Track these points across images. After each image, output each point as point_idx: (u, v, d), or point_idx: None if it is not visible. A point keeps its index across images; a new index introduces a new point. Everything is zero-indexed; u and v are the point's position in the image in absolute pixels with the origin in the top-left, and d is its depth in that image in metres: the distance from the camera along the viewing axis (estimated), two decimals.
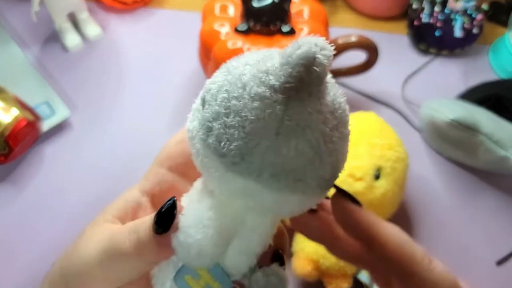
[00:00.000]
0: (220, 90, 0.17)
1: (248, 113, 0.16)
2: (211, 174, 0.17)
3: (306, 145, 0.16)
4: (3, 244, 0.40)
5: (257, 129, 0.16)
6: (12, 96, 0.43)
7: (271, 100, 0.16)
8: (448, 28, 0.52)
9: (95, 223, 0.21)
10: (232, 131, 0.16)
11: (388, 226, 0.19)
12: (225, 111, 0.16)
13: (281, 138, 0.16)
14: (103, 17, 0.55)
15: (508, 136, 0.42)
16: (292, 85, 0.15)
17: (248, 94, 0.16)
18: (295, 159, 0.16)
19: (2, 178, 0.43)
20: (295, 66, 0.15)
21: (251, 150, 0.16)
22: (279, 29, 0.40)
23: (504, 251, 0.41)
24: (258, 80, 0.16)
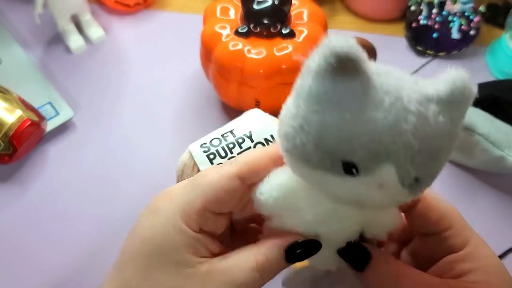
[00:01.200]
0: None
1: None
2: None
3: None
4: (7, 243, 0.41)
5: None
6: (16, 97, 0.44)
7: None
8: (446, 30, 0.52)
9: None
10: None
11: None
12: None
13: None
14: (105, 19, 0.56)
15: (504, 136, 0.42)
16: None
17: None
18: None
19: (6, 178, 0.44)
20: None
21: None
22: (279, 31, 0.41)
23: (500, 249, 0.41)
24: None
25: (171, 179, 0.41)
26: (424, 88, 0.18)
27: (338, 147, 0.17)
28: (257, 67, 0.40)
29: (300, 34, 0.41)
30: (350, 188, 0.18)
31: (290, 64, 0.40)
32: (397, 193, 0.18)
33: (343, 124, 0.17)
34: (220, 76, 0.42)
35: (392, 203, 0.20)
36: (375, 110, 0.17)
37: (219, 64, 0.41)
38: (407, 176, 0.17)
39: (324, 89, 0.17)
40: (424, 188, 0.19)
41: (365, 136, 0.17)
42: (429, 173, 0.18)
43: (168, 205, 0.21)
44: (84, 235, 0.41)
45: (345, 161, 0.17)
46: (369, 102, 0.17)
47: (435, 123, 0.17)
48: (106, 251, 0.40)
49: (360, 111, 0.17)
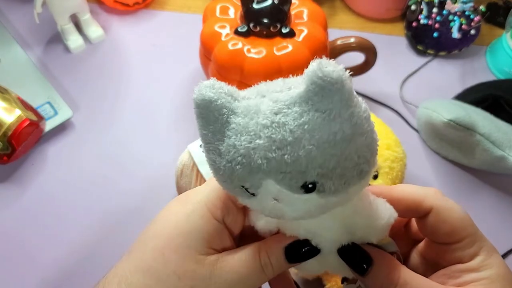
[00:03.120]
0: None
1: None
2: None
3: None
4: (7, 242, 0.40)
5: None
6: (15, 97, 0.44)
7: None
8: (446, 30, 0.52)
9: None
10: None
11: (396, 186, 0.23)
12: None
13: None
14: (105, 19, 0.56)
15: (504, 136, 0.42)
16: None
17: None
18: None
19: (5, 177, 0.44)
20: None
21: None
22: (279, 30, 0.40)
23: (501, 249, 0.41)
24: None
25: (170, 179, 0.41)
26: (289, 93, 0.18)
27: (227, 179, 0.19)
28: (257, 66, 0.39)
29: (300, 34, 0.41)
30: (261, 207, 0.20)
31: (290, 64, 0.40)
32: (303, 201, 0.19)
33: (220, 158, 0.19)
34: (220, 76, 0.42)
35: (317, 209, 0.19)
36: (234, 135, 0.18)
37: (219, 64, 0.41)
38: (291, 184, 0.18)
39: (201, 132, 0.19)
40: (337, 189, 0.18)
41: (234, 162, 0.18)
42: (318, 174, 0.17)
43: (195, 196, 0.23)
44: (83, 234, 0.41)
45: (240, 186, 0.19)
46: (231, 130, 0.18)
47: (297, 125, 0.17)
48: (105, 250, 0.40)
49: (225, 141, 0.18)
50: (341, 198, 0.19)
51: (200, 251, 0.21)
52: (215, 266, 0.21)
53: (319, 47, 0.41)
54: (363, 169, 0.18)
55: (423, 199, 0.22)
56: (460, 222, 0.22)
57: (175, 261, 0.21)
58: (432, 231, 0.23)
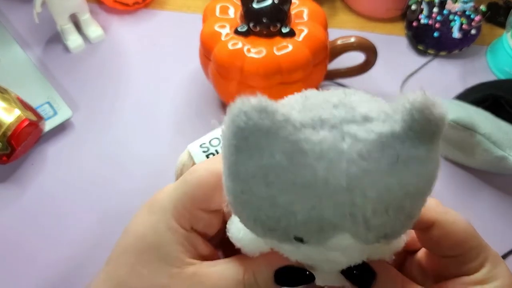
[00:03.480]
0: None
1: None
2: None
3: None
4: (6, 243, 0.40)
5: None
6: (15, 96, 0.44)
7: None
8: (447, 29, 0.52)
9: (173, 273, 0.20)
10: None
11: None
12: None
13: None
14: (104, 19, 0.56)
15: (505, 136, 0.42)
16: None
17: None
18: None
19: (5, 178, 0.44)
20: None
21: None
22: (279, 30, 0.40)
23: (502, 249, 0.41)
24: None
25: (170, 179, 0.41)
26: (372, 130, 0.13)
27: (279, 227, 0.15)
28: (257, 66, 0.39)
29: (300, 33, 0.41)
30: (311, 254, 0.16)
31: (290, 63, 0.40)
32: (365, 249, 0.17)
33: (275, 202, 0.14)
34: (220, 75, 0.42)
35: (365, 255, 0.18)
36: (307, 185, 0.13)
37: (219, 63, 0.41)
38: (368, 238, 0.15)
39: (237, 167, 0.14)
40: (402, 234, 0.17)
41: (301, 212, 0.14)
42: (397, 226, 0.15)
43: (161, 203, 0.21)
44: (83, 234, 0.41)
45: (294, 237, 0.15)
46: (297, 169, 0.13)
47: (393, 169, 0.13)
48: (104, 250, 0.39)
49: (290, 188, 0.13)
50: (397, 243, 0.18)
51: (174, 264, 0.20)
52: (193, 280, 0.19)
53: (320, 46, 0.41)
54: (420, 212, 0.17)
55: (424, 212, 0.21)
56: (464, 235, 0.21)
57: (147, 277, 0.20)
58: (435, 245, 0.22)
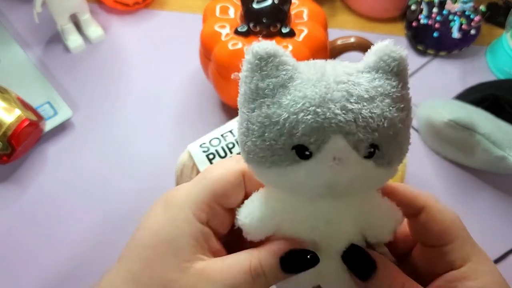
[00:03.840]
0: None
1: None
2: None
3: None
4: (6, 242, 0.40)
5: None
6: (15, 96, 0.44)
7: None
8: (446, 30, 0.52)
9: (181, 268, 0.20)
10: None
11: (391, 183, 0.23)
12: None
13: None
14: (104, 19, 0.56)
15: (505, 136, 0.42)
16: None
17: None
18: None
19: (5, 177, 0.44)
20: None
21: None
22: (279, 30, 0.40)
23: (501, 249, 0.41)
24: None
25: (170, 179, 0.41)
26: (354, 65, 0.19)
27: (283, 134, 0.18)
28: None
29: (300, 33, 0.41)
30: (312, 173, 0.18)
31: None
32: (361, 167, 0.18)
33: (280, 110, 0.18)
34: (220, 75, 0.42)
35: (363, 181, 0.19)
36: (305, 88, 0.18)
37: (219, 63, 0.41)
38: (360, 142, 0.18)
39: (256, 86, 0.18)
40: (392, 159, 0.19)
41: (303, 113, 0.17)
42: (385, 135, 0.18)
43: (179, 199, 0.22)
44: (83, 234, 0.41)
45: (295, 145, 0.18)
46: (297, 84, 0.18)
47: (371, 87, 0.18)
48: (104, 250, 0.40)
49: (291, 93, 0.18)
50: (386, 175, 0.20)
51: (186, 259, 0.20)
52: (201, 275, 0.20)
53: (319, 47, 0.41)
54: (407, 148, 0.20)
55: (416, 197, 0.22)
56: (451, 223, 0.22)
57: (160, 271, 0.20)
58: (423, 231, 0.22)
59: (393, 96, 0.18)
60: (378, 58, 0.19)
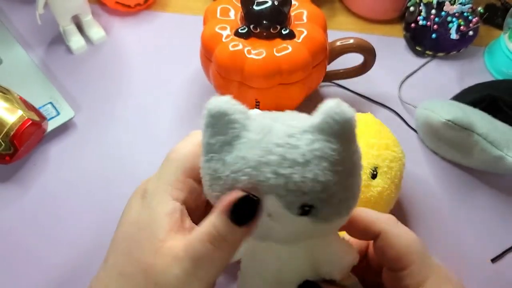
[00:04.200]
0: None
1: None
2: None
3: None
4: (8, 243, 0.41)
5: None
6: (17, 97, 0.44)
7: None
8: (444, 31, 0.53)
9: (154, 248, 0.20)
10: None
11: (356, 208, 0.23)
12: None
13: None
14: (106, 20, 0.56)
15: (502, 136, 0.42)
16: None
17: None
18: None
19: (7, 178, 0.44)
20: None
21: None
22: (279, 32, 0.41)
23: (498, 248, 0.41)
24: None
25: None
26: (300, 123, 0.19)
27: (226, 188, 0.19)
28: (257, 67, 0.40)
29: (299, 35, 0.41)
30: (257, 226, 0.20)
31: (290, 65, 0.40)
32: (295, 223, 0.19)
33: (224, 167, 0.19)
34: (220, 77, 0.42)
35: (301, 234, 0.20)
36: (246, 149, 0.19)
37: (219, 64, 0.41)
38: (290, 203, 0.19)
39: (207, 141, 0.20)
40: (328, 217, 0.20)
41: (240, 173, 0.19)
42: (318, 198, 0.19)
43: (152, 184, 0.22)
44: (85, 235, 0.41)
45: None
46: (241, 143, 0.19)
47: (309, 150, 0.18)
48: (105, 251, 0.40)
49: (233, 152, 0.19)
50: (327, 228, 0.20)
51: (160, 238, 0.20)
52: (170, 255, 0.20)
53: (319, 48, 0.41)
54: (351, 205, 0.20)
55: (374, 222, 0.23)
56: (406, 249, 0.22)
57: (140, 258, 0.20)
58: (379, 256, 0.23)
59: (331, 160, 0.19)
60: (323, 119, 0.19)
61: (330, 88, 0.51)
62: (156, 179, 0.23)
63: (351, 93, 0.51)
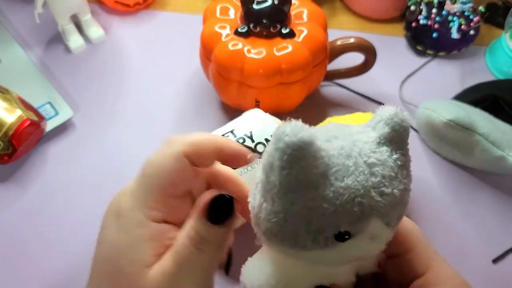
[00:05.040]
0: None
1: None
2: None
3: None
4: (7, 243, 0.41)
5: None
6: (16, 97, 0.44)
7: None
8: (446, 30, 0.52)
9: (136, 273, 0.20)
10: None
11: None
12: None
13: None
14: (105, 19, 0.56)
15: (504, 136, 0.42)
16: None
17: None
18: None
19: (6, 177, 0.44)
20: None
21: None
22: (279, 31, 0.41)
23: (500, 249, 0.41)
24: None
25: None
26: (366, 135, 0.19)
27: (328, 224, 0.18)
28: (257, 67, 0.40)
29: (300, 34, 0.41)
30: (346, 253, 0.19)
31: (290, 64, 0.40)
32: (387, 236, 0.20)
33: (323, 202, 0.18)
34: (220, 76, 0.42)
35: (384, 245, 0.21)
36: (345, 177, 0.18)
37: (219, 64, 0.41)
38: (391, 219, 0.19)
39: (294, 179, 0.17)
40: (400, 218, 0.20)
41: (349, 205, 0.18)
42: (405, 206, 0.20)
43: (126, 204, 0.21)
44: (84, 234, 0.41)
45: (337, 233, 0.18)
46: (335, 172, 0.18)
47: (393, 162, 0.19)
48: None
49: (332, 184, 0.18)
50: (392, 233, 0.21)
51: (146, 264, 0.20)
52: (158, 273, 0.19)
53: (319, 47, 0.41)
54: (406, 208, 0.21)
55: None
56: (409, 232, 0.23)
57: (123, 283, 0.20)
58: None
59: (406, 165, 0.20)
60: (391, 128, 0.19)
61: (330, 88, 0.51)
62: (130, 196, 0.21)
63: (351, 93, 0.50)
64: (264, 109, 0.40)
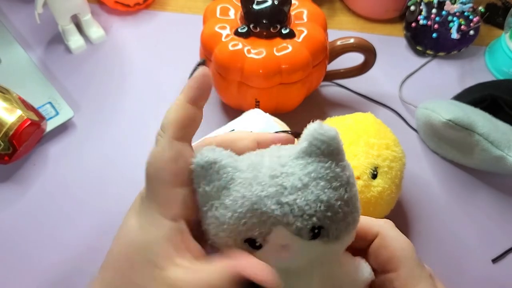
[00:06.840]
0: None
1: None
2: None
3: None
4: (8, 243, 0.41)
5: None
6: (16, 97, 0.44)
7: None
8: (445, 30, 0.52)
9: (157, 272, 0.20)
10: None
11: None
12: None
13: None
14: (106, 19, 0.56)
15: (503, 136, 0.42)
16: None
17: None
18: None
19: (7, 177, 0.44)
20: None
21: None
22: (279, 31, 0.41)
23: (499, 248, 0.41)
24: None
25: None
26: (288, 152, 0.21)
27: (232, 231, 0.20)
28: (257, 67, 0.40)
29: (299, 34, 0.41)
30: (267, 259, 0.20)
31: (290, 64, 0.40)
32: (309, 248, 0.20)
33: (225, 210, 0.20)
34: (220, 76, 0.42)
35: (317, 258, 0.21)
36: (243, 188, 0.20)
37: (219, 64, 0.41)
38: (300, 229, 0.19)
39: (204, 190, 0.20)
40: (339, 234, 0.20)
41: (244, 212, 0.19)
42: (324, 217, 0.19)
43: (145, 202, 0.21)
44: (84, 235, 0.41)
45: (245, 239, 0.20)
46: (237, 185, 0.20)
47: (305, 174, 0.19)
48: (105, 251, 0.40)
49: (232, 194, 0.20)
50: (339, 247, 0.21)
51: (160, 265, 0.20)
52: (168, 285, 0.19)
53: (319, 47, 0.41)
54: (356, 218, 0.21)
55: (371, 225, 0.23)
56: (399, 251, 0.22)
57: (134, 280, 0.20)
58: (374, 256, 0.23)
59: (327, 178, 0.20)
60: (309, 143, 0.20)
61: (330, 88, 0.51)
62: (145, 194, 0.22)
63: (351, 93, 0.51)
64: (264, 109, 0.40)
